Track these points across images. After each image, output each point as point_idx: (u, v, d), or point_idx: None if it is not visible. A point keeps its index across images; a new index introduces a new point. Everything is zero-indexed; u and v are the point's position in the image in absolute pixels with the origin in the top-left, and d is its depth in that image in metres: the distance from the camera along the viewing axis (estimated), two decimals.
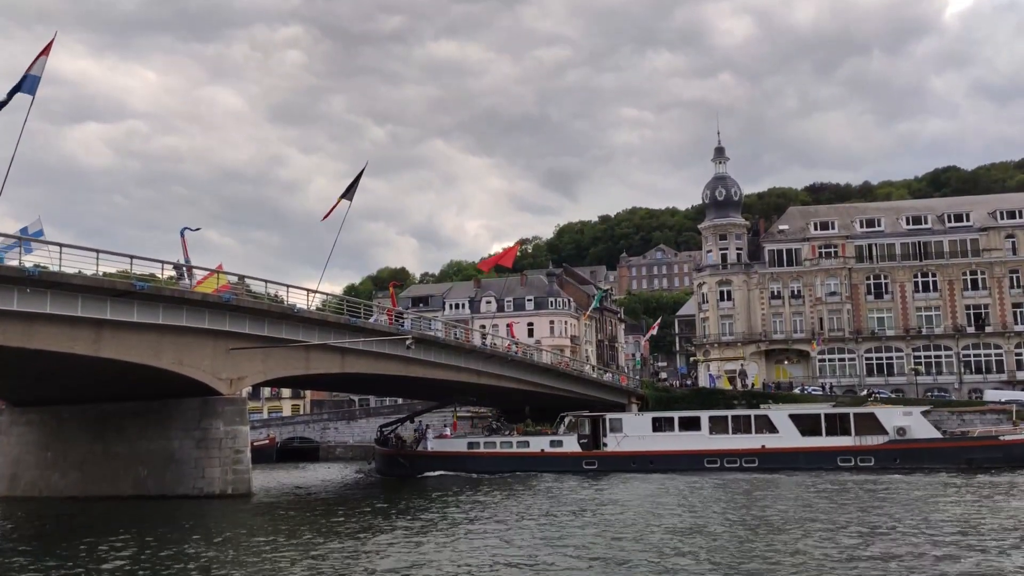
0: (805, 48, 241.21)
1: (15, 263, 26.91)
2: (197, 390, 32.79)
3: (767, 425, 46.42)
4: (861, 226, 79.52)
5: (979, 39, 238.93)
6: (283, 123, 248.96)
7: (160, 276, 32.26)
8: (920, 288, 76.29)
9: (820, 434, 45.58)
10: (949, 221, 78.18)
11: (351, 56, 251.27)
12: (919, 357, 74.44)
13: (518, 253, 73.67)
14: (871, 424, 45.23)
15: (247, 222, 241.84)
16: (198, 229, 40.37)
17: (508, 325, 77.65)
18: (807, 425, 46.09)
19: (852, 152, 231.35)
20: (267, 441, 70.85)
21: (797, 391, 70.54)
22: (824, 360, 76.37)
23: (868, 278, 77.32)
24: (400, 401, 74.83)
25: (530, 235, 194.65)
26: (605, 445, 47.68)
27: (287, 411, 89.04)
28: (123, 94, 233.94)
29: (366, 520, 27.15)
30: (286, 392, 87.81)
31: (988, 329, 74.12)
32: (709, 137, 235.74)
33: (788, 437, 45.64)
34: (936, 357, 74.72)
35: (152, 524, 25.86)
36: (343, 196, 37.57)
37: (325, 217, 37.63)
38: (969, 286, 75.47)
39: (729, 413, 49.22)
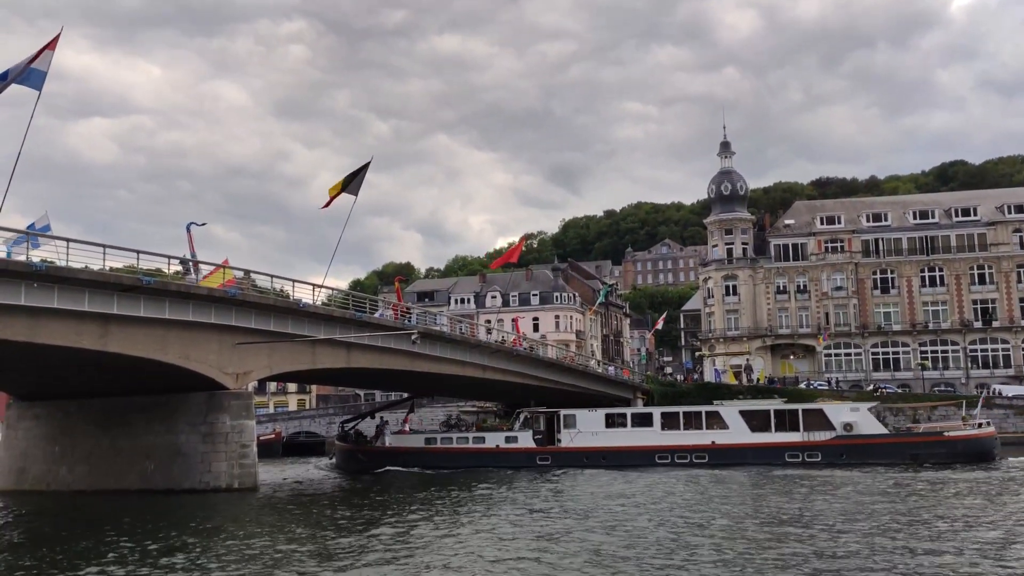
0: (810, 41, 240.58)
1: (22, 258, 26.99)
2: (203, 384, 32.88)
3: (718, 421, 47.14)
4: (868, 220, 79.27)
5: (985, 32, 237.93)
6: (287, 118, 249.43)
7: (166, 271, 32.36)
8: (927, 283, 76.04)
9: (769, 430, 46.17)
10: (956, 215, 77.88)
11: (355, 51, 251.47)
12: (926, 352, 74.20)
13: (523, 248, 73.66)
14: (819, 420, 45.71)
15: (252, 217, 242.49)
16: (204, 224, 40.54)
17: (513, 320, 77.59)
18: (757, 421, 46.68)
19: (858, 146, 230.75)
20: (273, 436, 70.98)
21: (803, 386, 70.43)
22: (830, 355, 76.20)
23: (874, 272, 77.10)
24: (405, 396, 74.93)
25: (535, 230, 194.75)
26: (559, 441, 48.29)
27: (293, 406, 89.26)
28: (128, 89, 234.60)
29: (370, 514, 27.20)
30: (292, 387, 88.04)
31: (995, 324, 73.87)
32: (714, 131, 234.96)
33: (738, 433, 46.28)
34: (943, 352, 74.51)
35: (158, 518, 25.96)
36: (346, 190, 37.46)
37: (325, 206, 37.57)
38: (976, 281, 75.20)
39: (681, 409, 49.64)
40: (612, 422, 48.51)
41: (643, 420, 48.29)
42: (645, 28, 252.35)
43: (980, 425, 45.84)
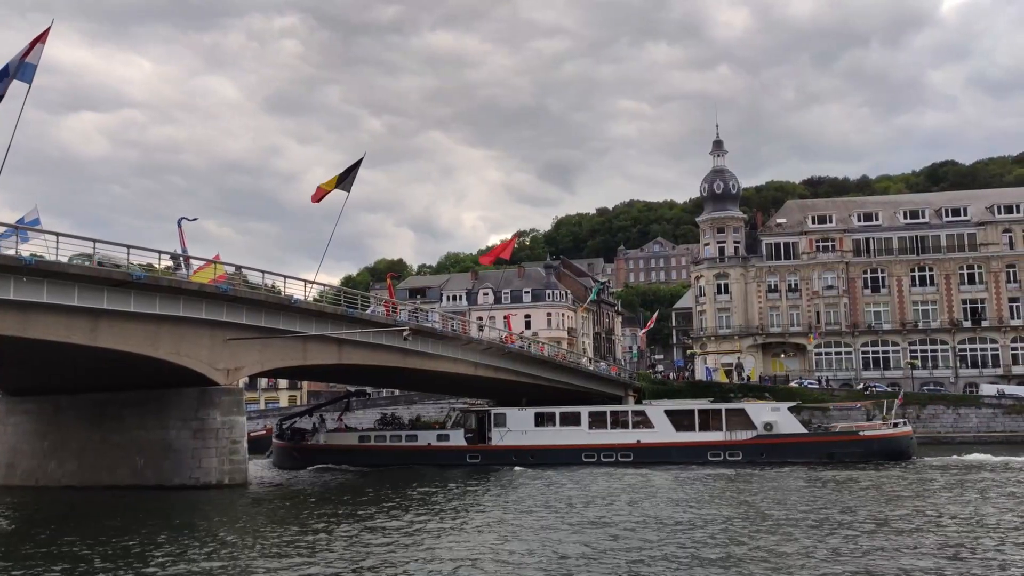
0: (803, 40, 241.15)
1: (11, 252, 26.87)
2: (194, 380, 32.80)
3: (644, 421, 47.96)
4: (859, 220, 79.57)
5: (977, 32, 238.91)
6: (280, 113, 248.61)
7: (157, 266, 32.25)
8: (917, 282, 76.41)
9: (694, 429, 46.97)
10: (946, 215, 78.26)
11: (348, 46, 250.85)
12: (915, 351, 74.60)
13: (516, 245, 73.62)
14: (741, 420, 46.68)
15: (245, 212, 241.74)
16: (195, 219, 40.60)
17: (505, 317, 77.65)
18: (681, 420, 47.49)
19: (850, 145, 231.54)
20: (264, 432, 70.84)
21: (794, 384, 70.72)
22: (821, 353, 76.51)
23: (865, 272, 77.43)
24: (397, 392, 74.87)
25: (528, 227, 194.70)
26: (490, 439, 48.81)
27: (284, 402, 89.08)
28: (120, 83, 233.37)
29: (360, 510, 27.22)
30: (283, 383, 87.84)
31: (984, 323, 74.30)
32: (707, 129, 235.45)
33: (663, 432, 47.12)
34: (932, 351, 74.90)
35: (149, 514, 25.92)
36: (339, 186, 37.44)
37: (315, 200, 37.51)
38: (966, 280, 75.59)
39: (608, 409, 50.35)
40: (541, 421, 49.22)
41: (571, 419, 48.93)
42: (639, 25, 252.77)
43: (896, 425, 47.14)
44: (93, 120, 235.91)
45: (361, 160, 38.14)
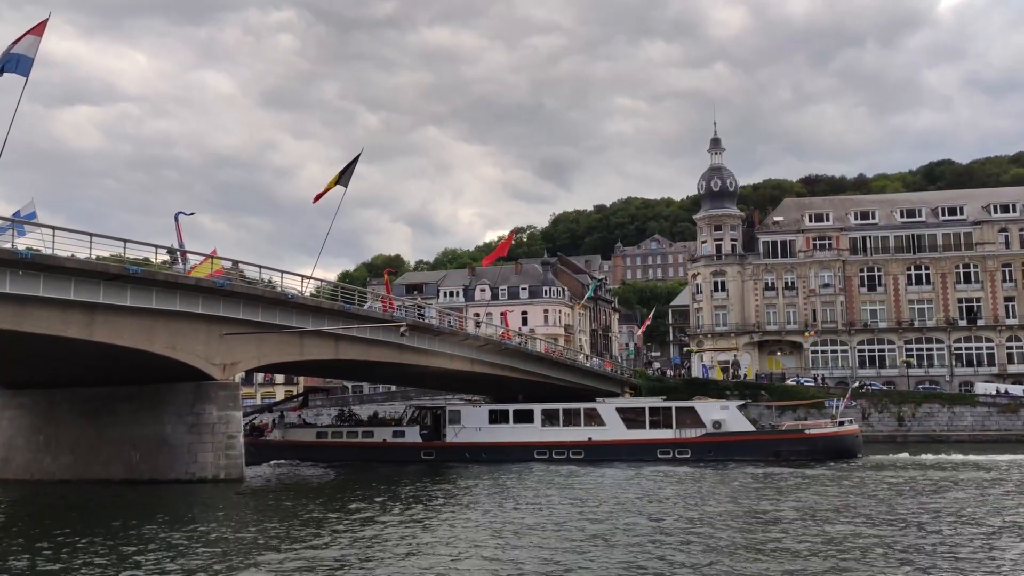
0: (799, 39, 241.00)
1: (8, 246, 26.78)
2: (190, 375, 32.76)
3: (595, 418, 48.30)
4: (856, 218, 79.67)
5: (972, 32, 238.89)
6: (275, 108, 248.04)
7: (154, 260, 32.18)
8: (913, 281, 76.53)
9: (644, 427, 47.31)
10: (943, 214, 78.37)
11: (344, 41, 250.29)
12: (911, 350, 74.71)
13: (513, 242, 73.65)
14: (691, 418, 47.05)
15: (240, 207, 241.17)
16: (192, 214, 40.49)
17: (502, 313, 77.56)
18: (632, 419, 47.84)
19: (845, 144, 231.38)
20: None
21: (790, 382, 70.84)
22: (817, 351, 76.63)
23: (862, 270, 77.54)
24: (393, 388, 74.86)
25: (524, 224, 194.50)
26: (445, 436, 49.15)
27: (280, 397, 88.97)
28: (114, 77, 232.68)
29: (354, 505, 27.23)
30: (280, 378, 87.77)
31: (980, 322, 74.44)
32: (703, 127, 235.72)
33: (614, 430, 47.46)
34: (928, 350, 75.04)
35: (144, 508, 25.90)
36: (337, 182, 37.42)
37: (316, 199, 37.55)
38: (962, 279, 75.72)
39: (561, 406, 50.53)
40: (495, 418, 49.47)
41: (524, 416, 49.21)
42: (636, 23, 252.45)
43: (842, 424, 47.55)
44: (88, 114, 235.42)
45: (359, 155, 38.14)
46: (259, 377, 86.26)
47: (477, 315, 72.93)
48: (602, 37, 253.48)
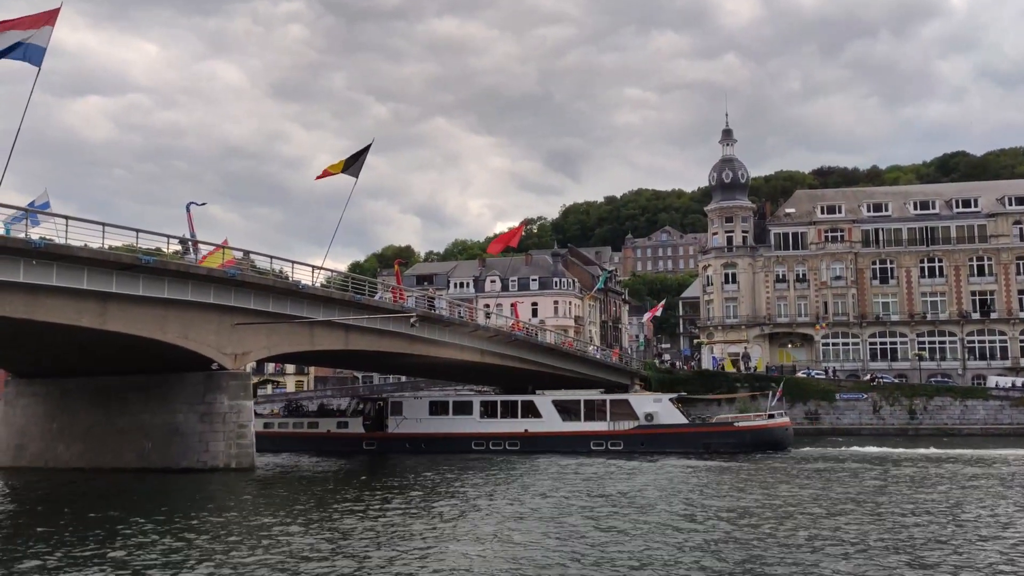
0: (810, 29, 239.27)
1: (21, 235, 26.93)
2: (202, 364, 32.92)
3: (532, 410, 48.98)
4: (868, 210, 79.19)
5: (985, 23, 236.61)
6: (285, 99, 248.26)
7: (166, 250, 32.31)
8: (926, 273, 76.06)
9: (579, 419, 47.88)
10: (957, 207, 77.79)
11: (353, 32, 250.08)
12: (923, 343, 74.33)
13: (523, 233, 73.54)
14: (624, 410, 47.69)
15: (250, 198, 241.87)
16: (204, 204, 40.70)
17: (512, 304, 77.58)
18: (568, 411, 48.43)
19: (857, 136, 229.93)
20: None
21: (801, 375, 70.63)
22: (828, 344, 76.33)
23: (874, 263, 77.11)
24: (403, 379, 75.03)
25: (533, 215, 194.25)
26: (387, 427, 49.83)
27: (291, 387, 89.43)
28: (124, 67, 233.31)
29: (364, 495, 27.33)
30: (290, 368, 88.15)
31: (993, 315, 73.95)
32: (712, 119, 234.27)
33: (550, 422, 48.12)
34: (940, 343, 74.61)
35: (156, 496, 26.08)
36: (346, 171, 37.40)
37: (319, 178, 37.64)
38: (975, 272, 75.22)
39: (499, 398, 51.28)
40: (436, 410, 50.22)
41: (464, 408, 49.92)
42: (644, 14, 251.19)
43: (772, 416, 48.18)
44: (98, 104, 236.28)
45: (369, 146, 38.05)
46: (270, 367, 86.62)
47: (487, 306, 73.01)
48: (610, 27, 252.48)
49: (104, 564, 16.04)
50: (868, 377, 69.95)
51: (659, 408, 47.54)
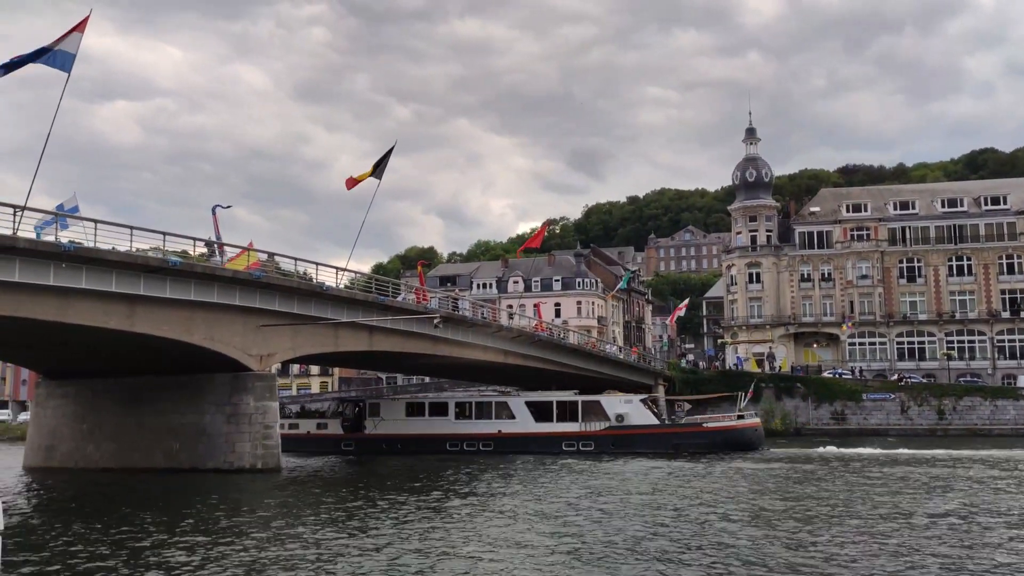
0: (834, 26, 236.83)
1: (51, 239, 27.35)
2: (228, 366, 33.24)
3: (506, 411, 49.31)
4: (895, 208, 78.28)
5: (1013, 18, 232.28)
6: (307, 101, 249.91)
7: (192, 253, 32.67)
8: (954, 272, 75.03)
9: (552, 420, 48.16)
10: (985, 204, 76.65)
11: (375, 33, 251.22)
12: (952, 342, 73.30)
13: (546, 233, 73.38)
14: (596, 411, 47.97)
15: (273, 200, 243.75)
16: (229, 207, 41.14)
17: (535, 305, 77.50)
18: (541, 412, 48.69)
19: (882, 132, 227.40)
20: None
21: (827, 375, 69.94)
22: (854, 344, 75.52)
23: (901, 261, 76.20)
24: (427, 380, 75.22)
25: (556, 215, 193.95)
26: (365, 428, 50.27)
27: (315, 388, 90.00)
28: (150, 72, 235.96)
29: (390, 496, 27.44)
30: (315, 369, 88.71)
31: (1023, 314, 72.78)
32: (735, 117, 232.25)
33: (523, 423, 48.44)
34: (970, 342, 73.54)
35: (184, 496, 26.37)
36: (372, 174, 37.60)
37: (348, 186, 37.74)
38: (1005, 270, 74.05)
39: (474, 399, 51.51)
40: (412, 411, 50.73)
41: (439, 409, 50.36)
42: (666, 12, 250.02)
43: (741, 417, 48.40)
44: (125, 108, 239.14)
45: (393, 148, 38.29)
46: (295, 368, 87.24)
47: (510, 307, 72.98)
48: (632, 26, 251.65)
49: (143, 565, 16.24)
50: (896, 377, 69.10)
51: (630, 409, 48.04)
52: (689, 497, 25.86)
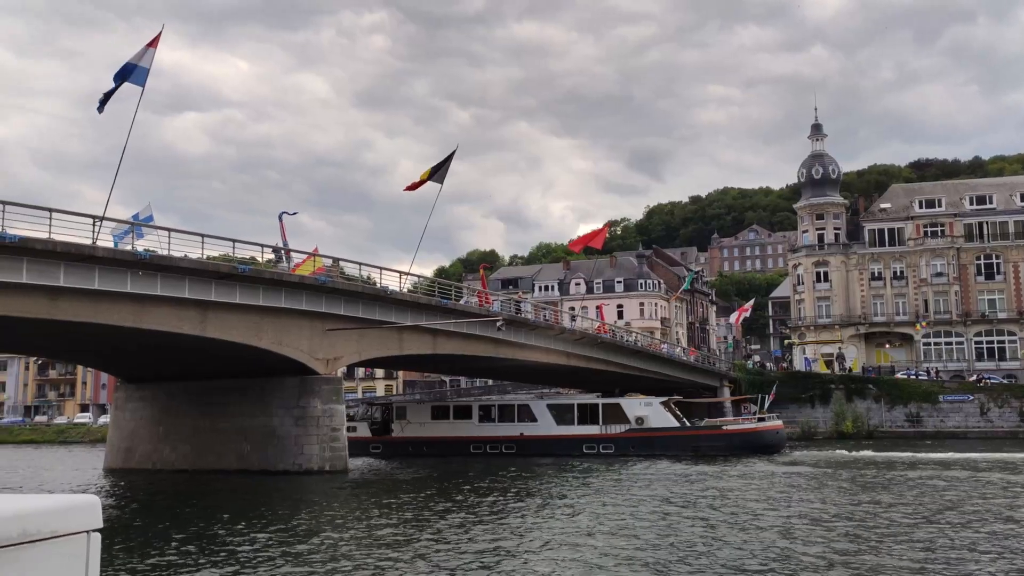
0: (903, 17, 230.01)
1: (128, 247, 28.33)
2: (295, 369, 33.92)
3: (528, 414, 49.40)
4: (971, 203, 75.46)
5: None
6: (369, 108, 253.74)
7: (260, 259, 33.44)
8: None
9: (573, 423, 48.21)
10: None
11: (434, 39, 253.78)
12: None
13: (607, 235, 72.93)
14: (616, 413, 47.86)
15: (337, 205, 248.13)
16: (295, 213, 41.92)
17: (598, 307, 77.08)
18: (563, 414, 48.76)
19: (956, 125, 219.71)
20: None
21: (901, 375, 67.82)
22: (929, 344, 73.03)
23: (978, 258, 73.41)
24: (490, 382, 75.49)
25: (616, 216, 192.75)
26: (392, 431, 50.71)
27: (380, 391, 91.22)
28: (218, 84, 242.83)
29: (458, 499, 27.60)
30: (380, 372, 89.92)
31: None
32: (799, 113, 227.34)
33: (545, 425, 48.53)
34: None
35: (257, 496, 26.97)
36: (432, 178, 37.87)
37: (408, 188, 38.04)
38: None
39: (496, 403, 51.68)
40: (437, 414, 51.22)
41: (464, 413, 50.79)
42: (727, 8, 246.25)
43: (762, 419, 48.08)
44: (195, 120, 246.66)
45: (454, 152, 38.48)
46: (360, 372, 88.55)
47: (572, 309, 72.73)
48: (692, 24, 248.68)
49: (226, 565, 16.68)
50: (974, 378, 66.57)
51: (650, 412, 47.97)
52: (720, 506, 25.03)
